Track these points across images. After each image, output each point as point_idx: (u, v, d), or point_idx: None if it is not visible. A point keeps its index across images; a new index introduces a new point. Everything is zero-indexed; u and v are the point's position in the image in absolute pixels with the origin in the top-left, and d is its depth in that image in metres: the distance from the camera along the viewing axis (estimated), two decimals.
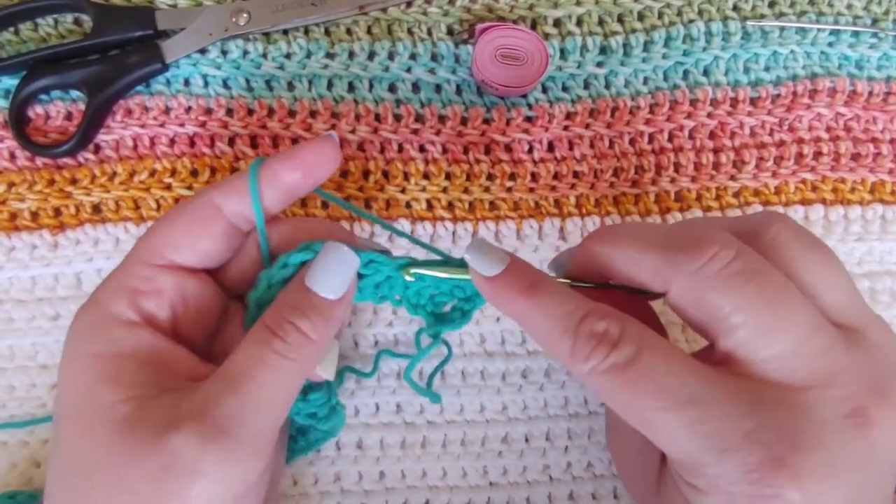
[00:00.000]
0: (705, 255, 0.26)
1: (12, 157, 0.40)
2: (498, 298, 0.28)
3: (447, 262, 0.31)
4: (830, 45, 0.42)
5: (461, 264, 0.30)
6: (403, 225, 0.40)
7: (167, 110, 0.41)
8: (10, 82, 0.40)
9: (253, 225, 0.31)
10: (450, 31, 0.42)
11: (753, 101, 0.41)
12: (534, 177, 0.41)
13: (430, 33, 0.41)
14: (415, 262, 0.30)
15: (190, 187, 0.40)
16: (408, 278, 0.30)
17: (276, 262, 0.30)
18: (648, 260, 0.27)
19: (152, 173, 0.40)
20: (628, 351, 0.25)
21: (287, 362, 0.27)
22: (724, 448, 0.24)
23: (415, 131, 0.41)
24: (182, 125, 0.40)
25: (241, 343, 0.28)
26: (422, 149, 0.41)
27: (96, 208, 0.40)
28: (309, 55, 0.41)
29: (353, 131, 0.40)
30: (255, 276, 0.31)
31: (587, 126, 0.41)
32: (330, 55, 0.41)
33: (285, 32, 0.41)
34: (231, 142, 0.41)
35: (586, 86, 0.41)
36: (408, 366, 0.34)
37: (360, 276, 0.30)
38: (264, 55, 0.41)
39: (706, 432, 0.24)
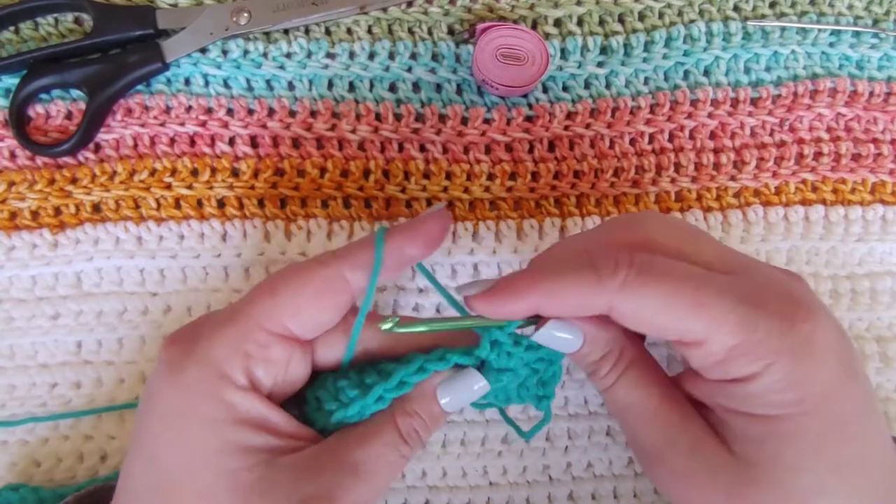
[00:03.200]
0: (619, 271, 0.27)
1: (13, 156, 0.40)
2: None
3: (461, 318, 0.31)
4: (831, 45, 0.42)
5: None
6: None
7: (167, 110, 0.41)
8: (11, 81, 0.40)
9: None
10: (450, 31, 0.42)
11: (754, 102, 0.41)
12: (534, 176, 0.41)
13: (430, 33, 0.41)
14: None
15: (190, 187, 0.40)
16: (385, 327, 0.29)
17: (392, 379, 0.29)
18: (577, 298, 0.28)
19: (152, 173, 0.40)
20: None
21: (404, 462, 0.30)
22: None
23: (415, 131, 0.41)
24: (182, 124, 0.40)
25: (372, 440, 0.29)
26: (422, 148, 0.41)
27: (96, 207, 0.40)
28: (309, 55, 0.41)
29: (353, 131, 0.40)
30: (337, 342, 0.31)
31: (588, 126, 0.41)
32: (330, 55, 0.41)
33: (286, 32, 0.41)
34: (231, 141, 0.41)
35: (587, 86, 0.41)
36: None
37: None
38: (265, 55, 0.41)
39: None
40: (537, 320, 0.30)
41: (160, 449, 0.28)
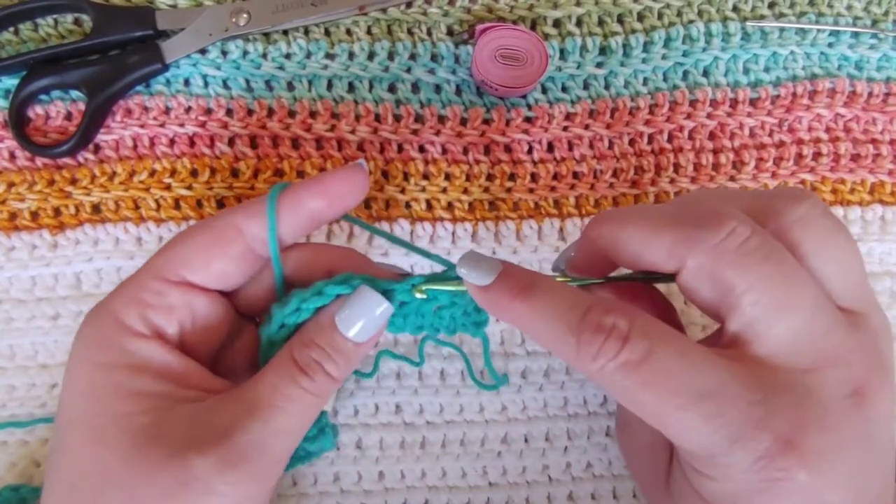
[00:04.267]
0: (722, 231, 0.25)
1: (12, 157, 0.40)
2: (494, 306, 0.28)
3: (451, 276, 0.30)
4: (830, 45, 0.42)
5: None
6: (403, 226, 0.40)
7: (167, 110, 0.41)
8: (11, 82, 0.40)
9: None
10: (450, 32, 0.42)
11: (753, 102, 0.41)
12: (533, 177, 0.41)
13: (429, 34, 0.41)
14: (427, 279, 0.30)
15: (189, 187, 0.40)
16: (419, 295, 0.30)
17: (289, 304, 0.29)
18: (661, 238, 0.26)
19: (152, 173, 0.40)
20: (641, 347, 0.24)
21: (310, 397, 0.28)
22: (737, 438, 0.24)
23: (414, 131, 0.41)
24: (182, 125, 0.40)
25: (267, 372, 0.28)
26: (421, 149, 0.41)
27: (96, 208, 0.40)
28: (309, 55, 0.41)
29: (352, 132, 0.40)
30: (269, 301, 0.31)
31: (586, 126, 0.41)
32: (330, 55, 0.41)
33: (285, 33, 0.41)
34: (231, 142, 0.41)
35: (586, 86, 0.41)
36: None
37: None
38: (264, 55, 0.41)
39: (721, 425, 0.24)
40: None
41: (62, 397, 0.28)
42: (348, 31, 0.41)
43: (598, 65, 0.41)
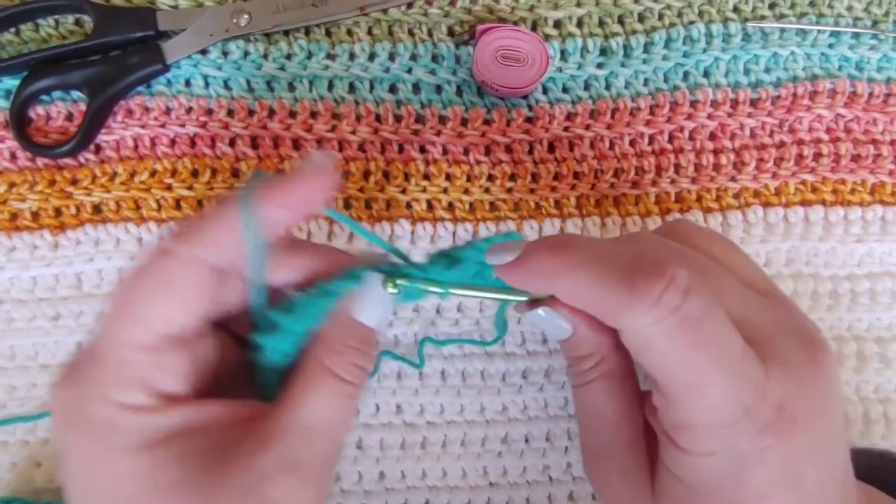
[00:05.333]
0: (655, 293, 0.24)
1: (13, 157, 0.40)
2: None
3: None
4: (831, 46, 0.42)
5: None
6: (404, 226, 0.40)
7: (168, 111, 0.41)
8: (12, 83, 0.40)
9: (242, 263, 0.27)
10: (450, 33, 0.42)
11: (753, 103, 0.41)
12: (534, 177, 0.41)
13: (430, 34, 0.41)
14: (428, 267, 0.29)
15: (190, 188, 0.40)
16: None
17: (293, 313, 0.27)
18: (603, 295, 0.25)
19: (153, 174, 0.40)
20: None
21: (356, 399, 0.28)
22: (748, 406, 0.24)
23: (415, 132, 0.41)
24: (183, 126, 0.40)
25: (313, 396, 0.26)
26: (422, 149, 0.41)
27: (97, 208, 0.40)
28: (310, 56, 0.41)
29: (353, 132, 0.40)
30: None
31: (587, 127, 0.41)
32: (331, 56, 0.41)
33: (286, 33, 0.41)
34: (232, 142, 0.41)
35: (587, 87, 0.41)
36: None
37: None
38: (265, 56, 0.41)
39: (739, 396, 0.24)
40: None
41: (95, 493, 0.25)
42: (349, 32, 0.41)
43: (599, 65, 0.41)
